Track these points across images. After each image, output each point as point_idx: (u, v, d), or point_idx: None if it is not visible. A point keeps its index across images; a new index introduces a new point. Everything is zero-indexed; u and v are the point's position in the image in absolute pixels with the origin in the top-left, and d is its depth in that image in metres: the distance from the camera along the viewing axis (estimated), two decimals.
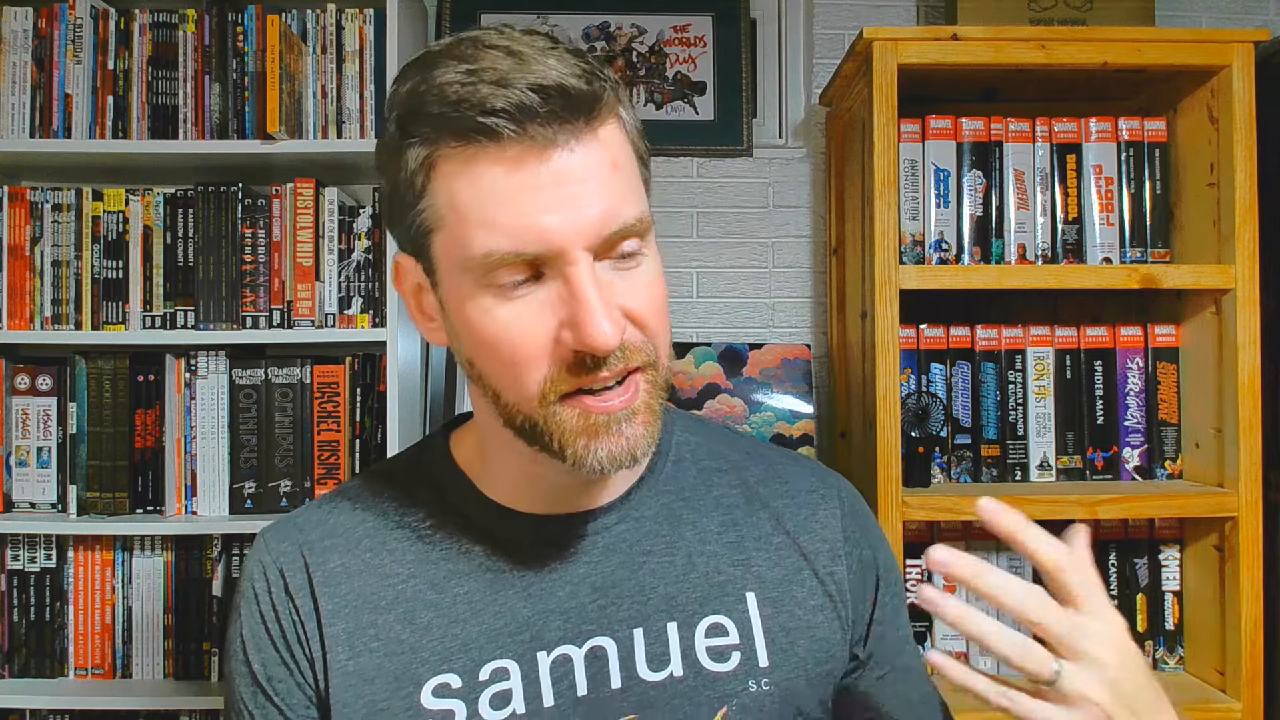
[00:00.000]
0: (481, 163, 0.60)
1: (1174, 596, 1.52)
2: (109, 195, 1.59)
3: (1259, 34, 1.44)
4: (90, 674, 1.60)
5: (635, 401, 0.64)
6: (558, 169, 0.59)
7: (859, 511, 0.81)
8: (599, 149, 0.61)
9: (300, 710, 0.71)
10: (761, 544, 0.76)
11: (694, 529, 0.75)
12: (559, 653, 0.70)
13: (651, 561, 0.73)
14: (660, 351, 0.66)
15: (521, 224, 0.59)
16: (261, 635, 0.71)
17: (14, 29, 1.58)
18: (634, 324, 0.64)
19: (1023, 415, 1.52)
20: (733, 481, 0.79)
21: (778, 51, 1.97)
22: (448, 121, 0.60)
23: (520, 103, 0.58)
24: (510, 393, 0.64)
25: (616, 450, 0.63)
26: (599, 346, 0.59)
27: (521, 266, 0.61)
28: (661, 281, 0.66)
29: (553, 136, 0.59)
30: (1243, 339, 1.40)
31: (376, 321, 1.59)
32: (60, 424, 1.60)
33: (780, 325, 1.87)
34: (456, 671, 0.69)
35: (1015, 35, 1.45)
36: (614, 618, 0.71)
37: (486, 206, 0.60)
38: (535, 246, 0.59)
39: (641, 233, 0.64)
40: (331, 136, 1.60)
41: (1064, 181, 1.51)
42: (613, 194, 0.61)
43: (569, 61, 0.60)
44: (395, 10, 1.55)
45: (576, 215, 0.59)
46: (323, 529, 0.74)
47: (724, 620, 0.72)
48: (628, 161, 0.64)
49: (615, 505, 0.74)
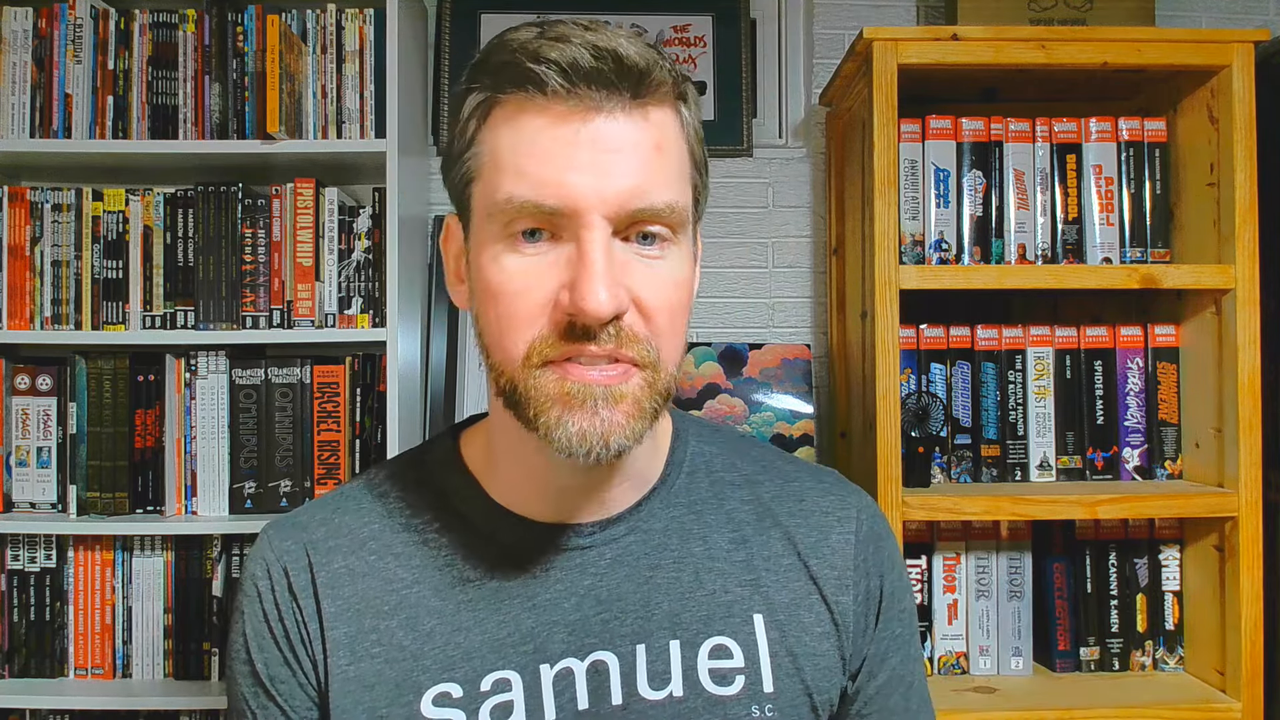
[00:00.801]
0: (528, 113, 0.61)
1: (1174, 596, 1.52)
2: (109, 195, 1.59)
3: (1259, 34, 1.44)
4: (90, 674, 1.60)
5: (621, 385, 0.61)
6: (596, 133, 0.60)
7: (875, 534, 0.77)
8: (646, 127, 0.61)
9: (303, 711, 0.70)
10: (771, 564, 0.74)
11: (703, 544, 0.73)
12: (561, 666, 0.69)
13: (658, 576, 0.71)
14: (663, 353, 0.63)
15: (546, 176, 0.59)
16: (264, 634, 0.71)
17: (14, 29, 1.58)
18: (640, 313, 0.62)
19: (1023, 415, 1.52)
20: (746, 497, 0.76)
21: (778, 51, 1.97)
22: (505, 69, 0.61)
23: (574, 59, 0.59)
24: (498, 351, 0.63)
25: (589, 429, 0.61)
26: (589, 309, 0.58)
27: (539, 218, 0.60)
28: (687, 285, 0.65)
29: (599, 102, 0.60)
30: (1243, 339, 1.40)
31: (376, 321, 1.59)
32: (60, 424, 1.60)
33: (780, 325, 1.87)
34: (458, 681, 0.68)
35: (1015, 35, 1.45)
36: (617, 632, 0.69)
37: (520, 154, 0.60)
38: (554, 200, 0.59)
39: (673, 224, 0.63)
40: (331, 136, 1.60)
41: (1064, 181, 1.51)
42: (648, 173, 0.61)
43: (637, 44, 0.61)
44: (395, 10, 1.55)
45: (602, 181, 0.59)
46: (327, 528, 0.73)
47: (729, 642, 0.71)
48: (676, 152, 0.64)
49: (625, 516, 0.72)
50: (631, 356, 0.62)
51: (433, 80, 1.87)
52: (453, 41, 1.86)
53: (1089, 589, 1.51)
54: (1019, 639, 1.50)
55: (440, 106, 1.85)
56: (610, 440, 0.61)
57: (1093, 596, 1.51)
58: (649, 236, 0.62)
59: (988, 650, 1.50)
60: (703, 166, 0.68)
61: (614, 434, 0.61)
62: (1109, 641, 1.51)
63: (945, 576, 1.50)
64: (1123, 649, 1.51)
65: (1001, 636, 1.50)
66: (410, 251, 1.65)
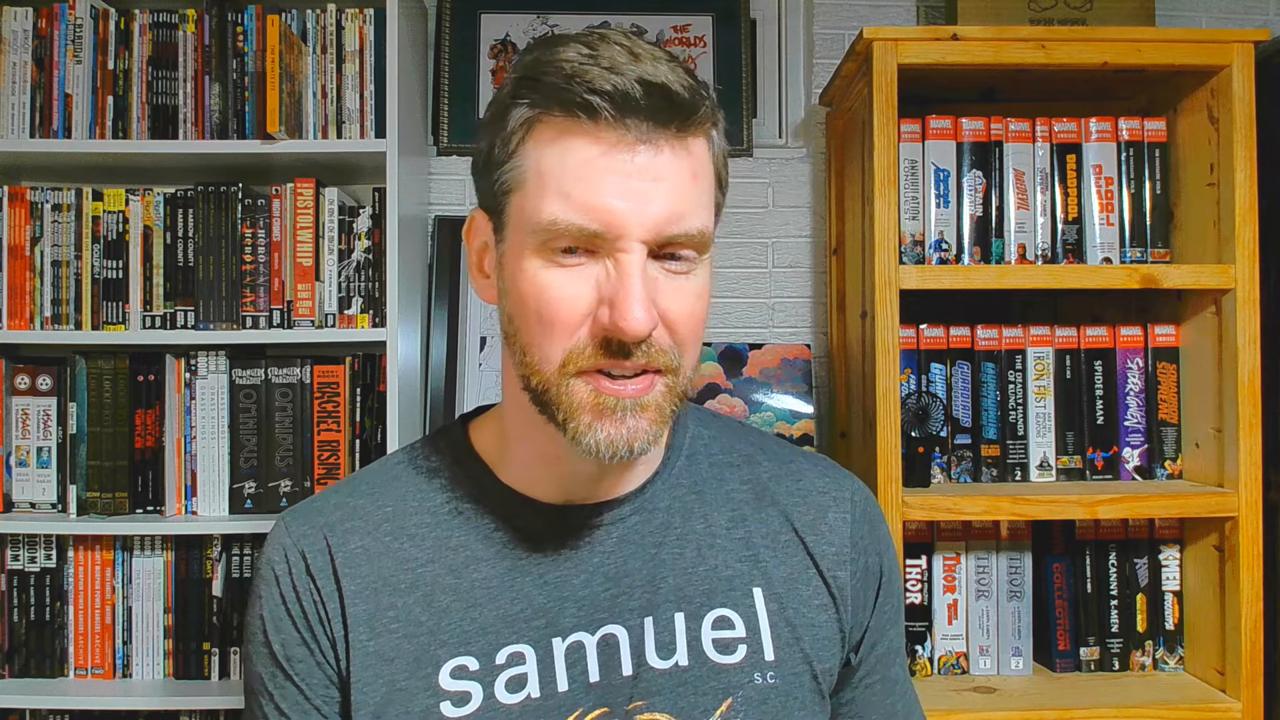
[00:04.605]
0: (576, 137, 0.64)
1: (1174, 596, 1.52)
2: (109, 195, 1.59)
3: (1259, 34, 1.44)
4: (90, 674, 1.60)
5: (647, 395, 0.66)
6: (642, 163, 0.63)
7: (870, 516, 0.82)
8: (685, 157, 0.65)
9: (320, 690, 0.72)
10: (770, 541, 0.77)
11: (704, 523, 0.77)
12: (573, 639, 0.72)
13: (663, 553, 0.75)
14: (684, 360, 0.68)
15: (593, 202, 0.63)
16: (282, 615, 0.73)
17: (14, 29, 1.58)
18: (666, 326, 0.66)
19: (1023, 415, 1.52)
20: (744, 477, 0.80)
21: (778, 51, 1.97)
22: (557, 91, 0.63)
23: (626, 91, 0.62)
24: (536, 352, 0.66)
25: (616, 436, 0.65)
26: (629, 329, 0.62)
27: (580, 239, 0.64)
28: (706, 298, 0.69)
29: (646, 134, 0.63)
30: (1243, 339, 1.40)
31: (376, 321, 1.59)
32: (60, 424, 1.60)
33: (780, 325, 1.87)
34: (474, 654, 0.71)
35: (1015, 35, 1.45)
36: (625, 607, 0.73)
37: (567, 179, 0.64)
38: (598, 225, 0.63)
39: (699, 246, 0.67)
40: (331, 136, 1.60)
41: (1064, 181, 1.51)
42: (684, 201, 0.65)
43: (679, 72, 0.65)
44: (395, 10, 1.55)
45: (644, 208, 0.63)
46: (343, 511, 0.76)
47: (730, 614, 0.74)
48: (706, 178, 0.68)
49: (630, 498, 0.76)
50: (658, 365, 0.66)
51: (433, 80, 1.87)
52: (452, 41, 1.86)
53: (1089, 589, 1.51)
54: (1019, 639, 1.50)
55: (440, 106, 1.85)
56: (634, 445, 0.66)
57: (1093, 596, 1.51)
58: (677, 256, 0.66)
59: (988, 650, 1.50)
60: (725, 185, 0.72)
61: (638, 439, 0.66)
62: (1109, 641, 1.51)
63: (945, 576, 1.50)
64: (1123, 649, 1.51)
65: (1001, 636, 1.50)
66: (410, 251, 1.65)
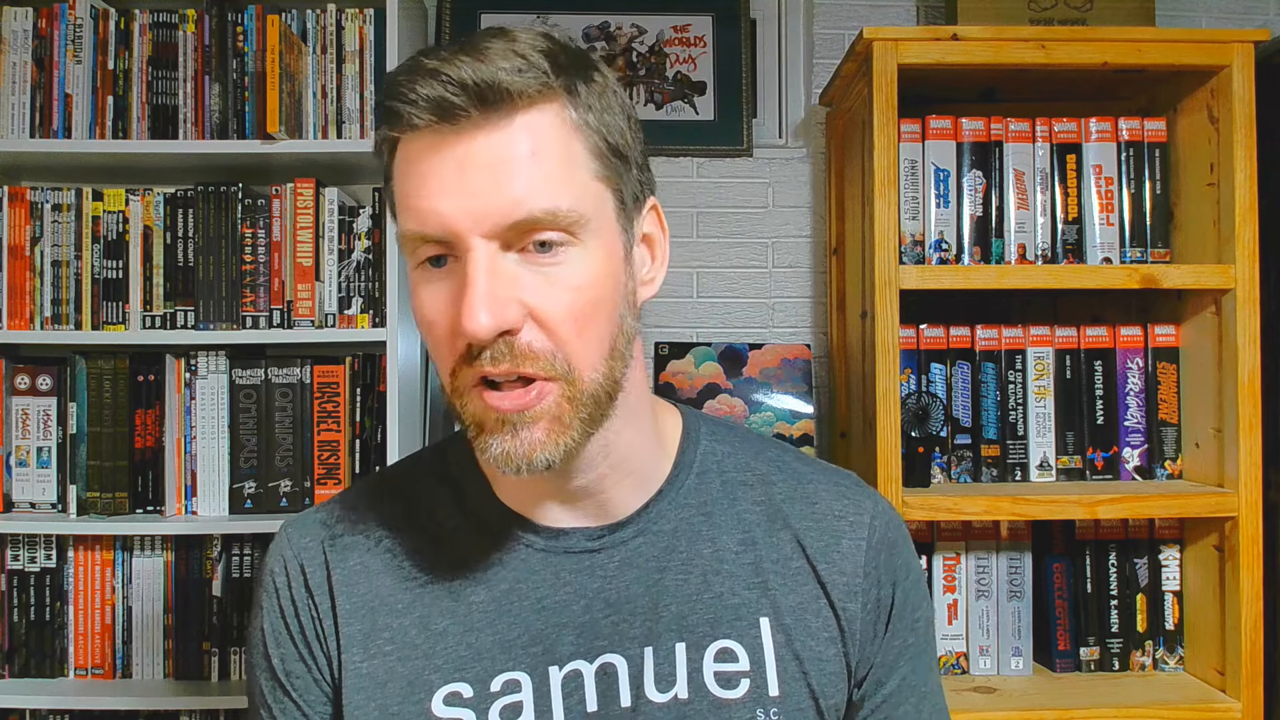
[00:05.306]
0: (408, 148, 0.62)
1: (1174, 596, 1.52)
2: (109, 195, 1.59)
3: (1259, 34, 1.44)
4: (90, 674, 1.60)
5: (534, 407, 0.61)
6: (462, 155, 0.60)
7: (889, 542, 0.75)
8: (515, 135, 0.60)
9: (318, 707, 0.71)
10: (780, 567, 0.73)
11: (712, 546, 0.73)
12: (570, 668, 0.69)
13: (666, 579, 0.71)
14: (575, 361, 0.62)
15: (424, 206, 0.60)
16: (281, 630, 0.72)
17: (14, 29, 1.58)
18: (539, 325, 0.61)
19: (1023, 415, 1.52)
20: (758, 497, 0.75)
21: (778, 51, 1.97)
22: (385, 110, 0.62)
23: (439, 96, 0.59)
24: (439, 367, 0.65)
25: (512, 450, 0.61)
26: (469, 331, 0.58)
27: (435, 246, 0.61)
28: (596, 286, 0.62)
29: (467, 128, 0.60)
30: (1243, 339, 1.40)
31: (376, 321, 1.59)
32: (60, 424, 1.60)
33: (780, 325, 1.87)
34: (468, 681, 0.69)
35: (1015, 35, 1.45)
36: (626, 635, 0.70)
37: (409, 191, 0.62)
38: (434, 229, 0.60)
39: (566, 227, 0.60)
40: (331, 136, 1.60)
41: (1064, 181, 1.51)
42: (524, 182, 0.59)
43: (509, 56, 0.60)
44: (395, 10, 1.55)
45: (472, 201, 0.59)
46: (345, 525, 0.74)
47: (735, 645, 0.71)
48: (558, 151, 0.61)
49: (633, 519, 0.72)
50: (533, 373, 0.61)
51: None
52: (452, 41, 1.85)
53: (1089, 589, 1.51)
54: (1019, 639, 1.50)
55: None
56: (534, 457, 0.62)
57: (1093, 596, 1.51)
58: (546, 244, 0.60)
59: (988, 650, 1.50)
60: (622, 153, 0.65)
61: (536, 451, 0.62)
62: (1109, 641, 1.51)
63: (945, 576, 1.50)
64: (1122, 649, 1.51)
65: (1001, 636, 1.50)
66: None
